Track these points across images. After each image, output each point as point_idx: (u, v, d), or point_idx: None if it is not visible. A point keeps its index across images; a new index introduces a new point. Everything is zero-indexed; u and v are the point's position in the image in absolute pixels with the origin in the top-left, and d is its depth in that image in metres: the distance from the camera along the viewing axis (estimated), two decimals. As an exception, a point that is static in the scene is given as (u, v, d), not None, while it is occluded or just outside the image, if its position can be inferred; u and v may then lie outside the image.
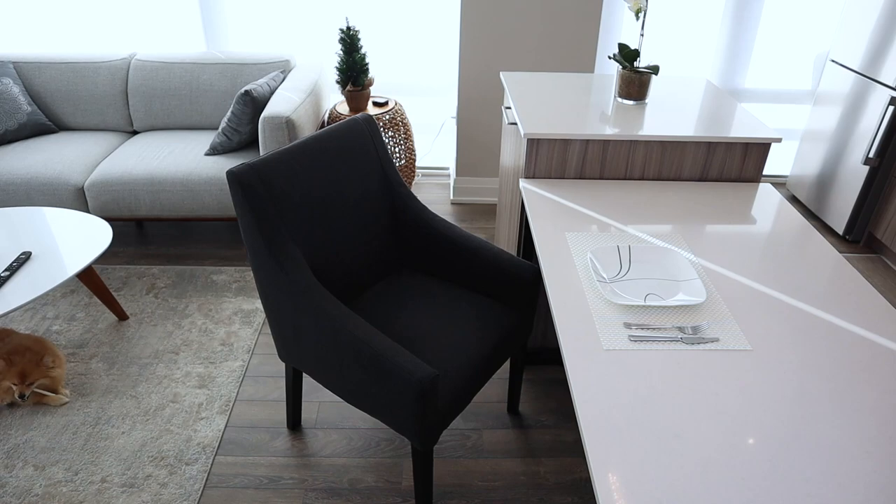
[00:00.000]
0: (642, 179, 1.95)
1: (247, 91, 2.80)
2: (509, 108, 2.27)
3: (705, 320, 1.30)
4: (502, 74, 2.40)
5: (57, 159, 2.82)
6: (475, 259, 1.85)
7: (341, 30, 3.07)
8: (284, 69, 3.20)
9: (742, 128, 1.94)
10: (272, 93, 2.95)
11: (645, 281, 1.43)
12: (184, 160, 2.84)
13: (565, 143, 1.88)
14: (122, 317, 2.53)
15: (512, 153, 2.23)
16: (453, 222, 3.16)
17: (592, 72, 3.15)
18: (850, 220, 3.04)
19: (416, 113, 3.62)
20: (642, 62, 2.08)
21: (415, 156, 3.40)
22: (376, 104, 3.30)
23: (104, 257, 2.98)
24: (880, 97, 2.83)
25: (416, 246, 1.96)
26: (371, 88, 3.33)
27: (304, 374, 2.16)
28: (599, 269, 1.45)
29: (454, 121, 3.38)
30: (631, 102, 2.12)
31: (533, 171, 1.93)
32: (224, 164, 2.82)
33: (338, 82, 3.18)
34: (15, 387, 2.03)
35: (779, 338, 1.26)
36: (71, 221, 2.35)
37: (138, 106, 3.17)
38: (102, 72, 3.13)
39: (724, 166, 1.93)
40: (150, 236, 3.15)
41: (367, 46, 3.41)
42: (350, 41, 3.06)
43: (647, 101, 2.13)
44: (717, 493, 0.93)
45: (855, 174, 2.99)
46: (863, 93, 2.95)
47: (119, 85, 3.15)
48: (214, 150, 2.91)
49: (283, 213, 1.64)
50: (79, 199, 2.78)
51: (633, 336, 1.25)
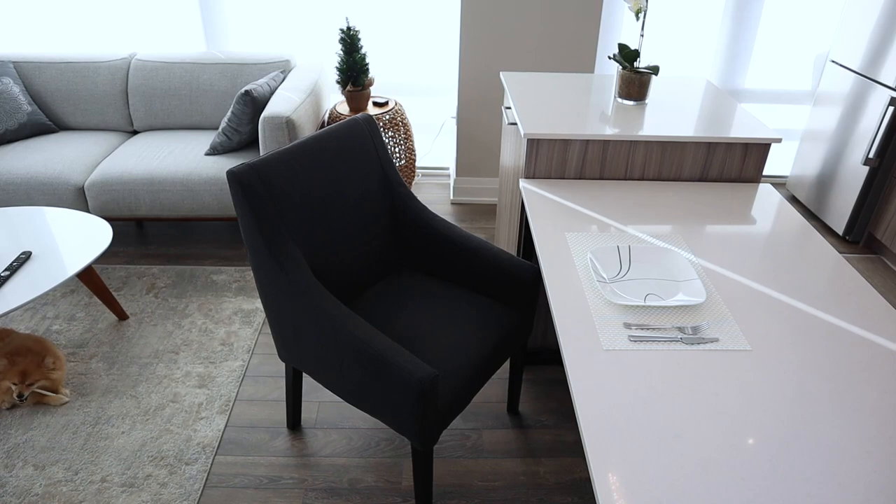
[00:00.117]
0: (642, 179, 1.95)
1: (247, 91, 2.80)
2: (509, 108, 2.27)
3: (705, 320, 1.30)
4: (502, 74, 2.40)
5: (57, 159, 2.82)
6: (475, 259, 1.85)
7: (341, 30, 3.07)
8: (284, 69, 3.20)
9: (742, 128, 1.94)
10: (272, 93, 2.95)
11: (645, 281, 1.43)
12: (184, 160, 2.84)
13: (565, 144, 1.88)
14: (122, 317, 2.53)
15: (512, 153, 2.23)
16: (453, 222, 3.16)
17: (592, 72, 3.15)
18: (849, 221, 3.05)
19: (416, 113, 3.62)
20: (642, 62, 2.08)
21: (415, 156, 3.40)
22: (376, 104, 3.30)
23: (104, 257, 2.98)
24: (880, 97, 2.83)
25: (416, 246, 1.96)
26: (371, 88, 3.33)
27: (304, 374, 2.16)
28: (599, 270, 1.45)
29: (454, 121, 3.38)
30: (631, 103, 2.12)
31: (533, 172, 1.93)
32: (224, 164, 2.82)
33: (338, 82, 3.18)
34: (14, 386, 2.03)
35: (778, 338, 1.26)
36: (71, 221, 2.36)
37: (138, 106, 3.17)
38: (102, 72, 3.13)
39: (724, 166, 1.94)
40: (150, 236, 3.15)
41: (367, 46, 3.41)
42: (350, 41, 3.07)
43: (647, 101, 2.13)
44: (717, 493, 0.93)
45: (855, 174, 2.99)
46: (863, 93, 2.95)
47: (119, 85, 3.15)
48: (214, 150, 2.91)
49: (283, 213, 1.64)
50: (79, 199, 2.78)
51: (632, 336, 1.25)
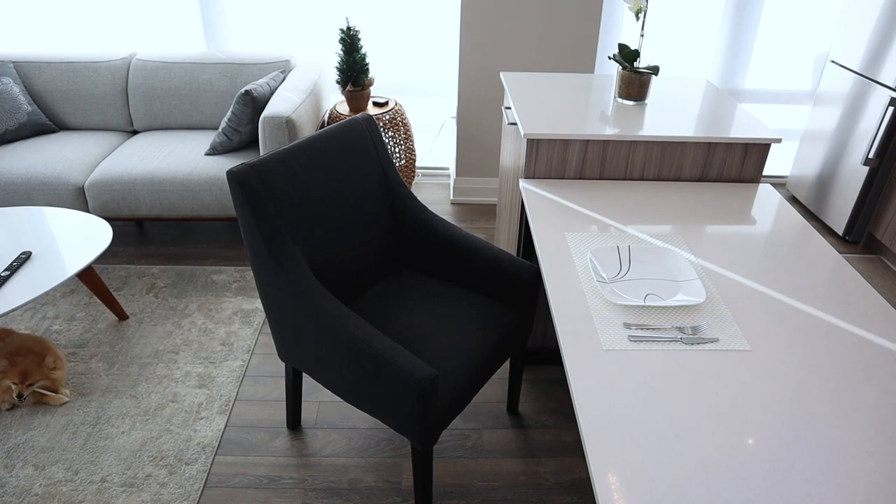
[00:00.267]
0: (642, 180, 1.95)
1: (247, 91, 2.80)
2: (509, 108, 2.27)
3: (705, 320, 1.30)
4: (502, 74, 2.40)
5: (57, 159, 2.82)
6: (475, 259, 1.85)
7: (341, 30, 3.07)
8: (284, 69, 3.20)
9: (742, 128, 1.94)
10: (272, 93, 2.95)
11: (645, 281, 1.43)
12: (184, 160, 2.84)
13: (565, 144, 1.88)
14: (122, 316, 2.53)
15: (512, 153, 2.23)
16: (453, 222, 3.16)
17: (592, 72, 3.15)
18: (849, 221, 3.05)
19: (416, 113, 3.62)
20: (642, 62, 2.08)
21: (415, 156, 3.40)
22: (376, 104, 3.30)
23: (104, 257, 2.98)
24: (880, 98, 2.83)
25: (416, 246, 1.96)
26: (371, 88, 3.33)
27: (303, 374, 2.16)
28: (599, 270, 1.45)
29: (454, 121, 3.38)
30: (631, 103, 2.12)
31: (533, 172, 1.93)
32: (224, 164, 2.82)
33: (338, 82, 3.18)
34: (14, 386, 2.03)
35: (778, 338, 1.26)
36: (71, 221, 2.36)
37: (138, 106, 3.17)
38: (102, 72, 3.13)
39: (723, 167, 1.94)
40: (150, 236, 3.15)
41: (367, 46, 3.41)
42: (350, 41, 3.07)
43: (646, 101, 2.13)
44: (716, 493, 0.93)
45: (855, 175, 2.99)
46: (863, 93, 2.95)
47: (119, 85, 3.15)
48: (214, 150, 2.91)
49: (283, 213, 1.64)
50: (79, 199, 2.78)
51: (632, 336, 1.25)
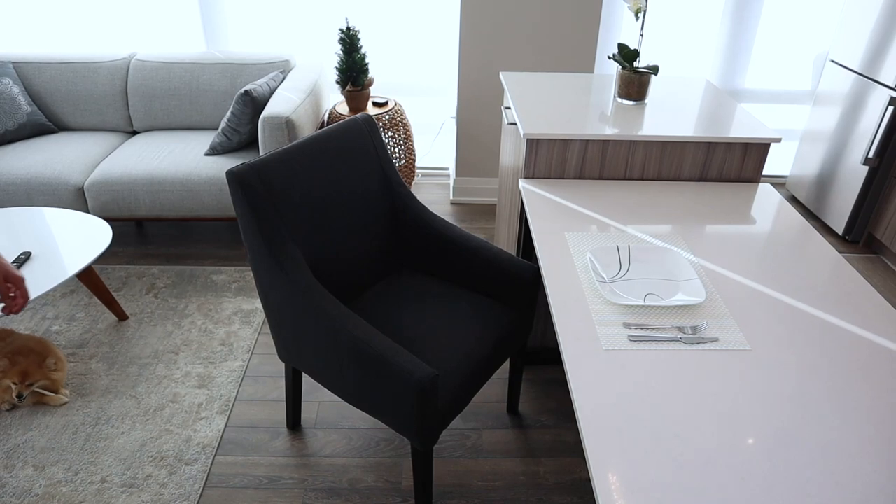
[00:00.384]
0: (642, 179, 1.95)
1: (247, 91, 2.80)
2: (509, 108, 2.27)
3: (705, 320, 1.30)
4: (502, 74, 2.40)
5: (57, 159, 2.82)
6: (475, 259, 1.85)
7: (341, 30, 3.07)
8: (284, 69, 3.20)
9: (742, 128, 1.94)
10: (272, 93, 2.95)
11: (644, 281, 1.43)
12: (183, 160, 2.84)
13: (565, 144, 1.88)
14: (121, 317, 2.53)
15: (512, 153, 2.23)
16: (453, 222, 3.16)
17: (592, 72, 3.15)
18: (849, 221, 3.05)
19: (415, 113, 3.62)
20: (642, 62, 2.08)
21: (415, 156, 3.40)
22: (376, 104, 3.30)
23: (104, 257, 2.98)
24: (880, 97, 2.83)
25: (416, 246, 1.96)
26: (371, 88, 3.33)
27: (303, 374, 2.16)
28: (599, 269, 1.45)
29: (454, 121, 3.38)
30: (630, 102, 2.12)
31: (532, 171, 1.93)
32: (224, 164, 2.82)
33: (337, 82, 3.18)
34: (14, 386, 2.03)
35: (778, 338, 1.26)
36: (71, 221, 2.36)
37: (138, 106, 3.17)
38: (102, 72, 3.13)
39: (723, 166, 1.94)
40: (150, 236, 3.15)
41: (366, 46, 3.41)
42: (350, 41, 3.07)
43: (646, 101, 2.13)
44: (716, 492, 0.93)
45: (854, 174, 2.99)
46: (862, 93, 2.95)
47: (119, 85, 3.15)
48: (214, 150, 2.91)
49: (282, 213, 1.64)
50: (79, 199, 2.78)
51: (632, 336, 1.25)
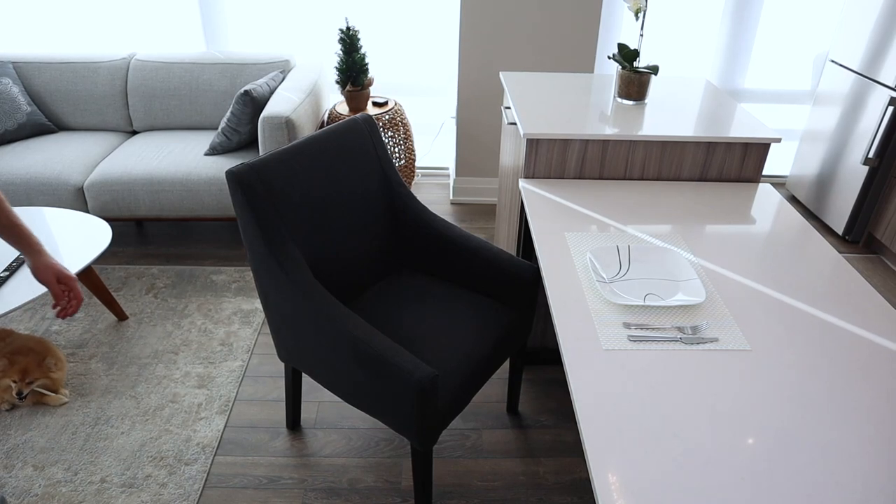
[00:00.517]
0: (642, 179, 1.95)
1: (246, 91, 2.80)
2: (509, 108, 2.27)
3: (704, 320, 1.30)
4: (502, 74, 2.40)
5: (56, 159, 2.82)
6: (475, 259, 1.85)
7: (341, 30, 3.07)
8: (284, 69, 3.20)
9: (741, 128, 1.94)
10: (272, 93, 2.95)
11: (644, 281, 1.43)
12: (183, 160, 2.84)
13: (565, 143, 1.88)
14: (121, 317, 2.53)
15: (511, 153, 2.23)
16: (453, 222, 3.15)
17: (592, 72, 3.15)
18: (849, 221, 3.04)
19: (415, 113, 3.62)
20: (642, 62, 2.08)
21: (414, 156, 3.40)
22: (376, 104, 3.30)
23: (104, 257, 2.98)
24: (880, 97, 2.83)
25: (416, 246, 1.96)
26: (371, 88, 3.33)
27: (303, 374, 2.16)
28: (599, 269, 1.45)
29: (454, 121, 3.38)
30: (630, 102, 2.12)
31: (532, 171, 1.93)
32: (224, 164, 2.82)
33: (337, 82, 3.18)
34: (14, 384, 2.02)
35: (778, 338, 1.26)
36: (70, 221, 2.35)
37: (138, 106, 3.17)
38: (102, 72, 3.13)
39: (723, 166, 1.93)
40: (150, 236, 3.15)
41: (366, 46, 3.41)
42: (350, 41, 3.06)
43: (646, 101, 2.13)
44: (716, 492, 0.93)
45: (854, 174, 2.99)
46: (862, 93, 2.95)
47: (118, 85, 3.15)
48: (214, 150, 2.91)
49: (282, 213, 1.64)
50: (78, 199, 2.78)
51: (632, 336, 1.25)
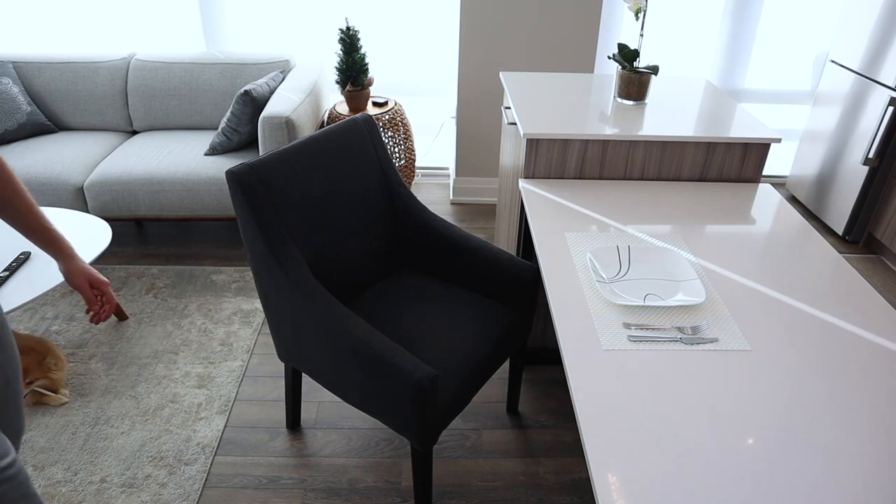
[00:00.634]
0: (642, 179, 1.95)
1: (246, 91, 2.80)
2: (509, 108, 2.27)
3: (705, 320, 1.30)
4: (502, 74, 2.40)
5: (56, 159, 2.82)
6: (475, 259, 1.85)
7: (341, 30, 3.07)
8: (284, 69, 3.20)
9: (741, 128, 1.94)
10: (272, 93, 2.95)
11: (644, 281, 1.43)
12: (183, 160, 2.84)
13: (565, 144, 1.88)
14: (121, 317, 2.53)
15: (511, 153, 2.23)
16: (453, 222, 3.16)
17: (592, 72, 3.15)
18: (849, 221, 3.04)
19: (415, 113, 3.62)
20: (642, 62, 2.08)
21: (414, 156, 3.40)
22: (376, 104, 3.30)
23: (104, 257, 2.98)
24: (880, 97, 2.83)
25: (415, 246, 1.96)
26: (371, 88, 3.33)
27: (303, 374, 2.16)
28: (599, 269, 1.45)
29: (454, 121, 3.38)
30: (630, 102, 2.12)
31: (532, 171, 1.93)
32: (224, 164, 2.82)
33: (337, 82, 3.18)
34: (14, 386, 2.02)
35: (778, 338, 1.26)
36: (70, 221, 2.35)
37: (138, 106, 3.17)
38: (102, 72, 3.13)
39: (723, 166, 1.93)
40: (150, 236, 3.15)
41: (366, 46, 3.41)
42: (350, 41, 3.06)
43: (646, 101, 2.13)
44: (716, 493, 0.93)
45: (854, 174, 2.99)
46: (862, 93, 2.95)
47: (118, 85, 3.15)
48: (214, 150, 2.91)
49: (282, 213, 1.64)
50: (78, 199, 2.78)
51: (632, 336, 1.25)
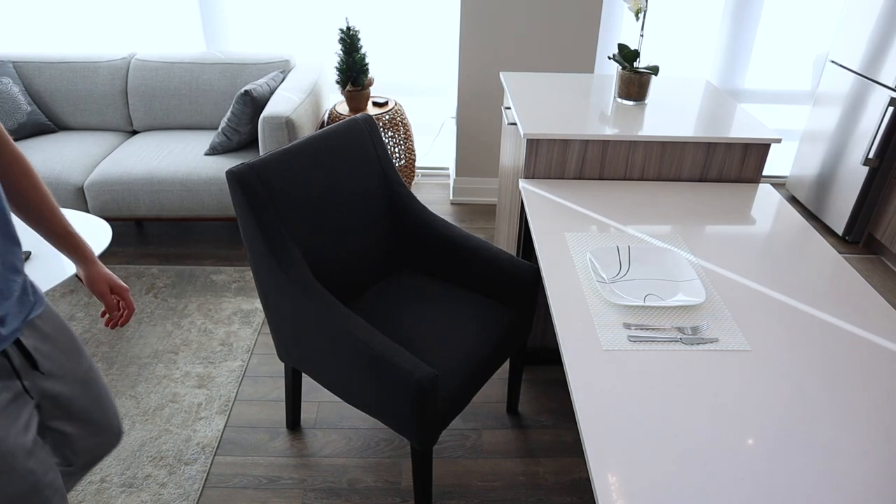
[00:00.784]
0: (642, 180, 1.95)
1: (246, 91, 2.80)
2: (509, 108, 2.27)
3: (704, 321, 1.30)
4: (502, 74, 2.40)
5: (56, 159, 2.82)
6: (475, 259, 1.85)
7: (341, 30, 3.07)
8: (284, 69, 3.20)
9: (742, 128, 1.94)
10: (272, 93, 2.95)
11: (644, 281, 1.43)
12: (183, 160, 2.84)
13: (565, 144, 1.88)
14: (121, 316, 2.53)
15: (512, 153, 2.23)
16: (453, 222, 3.16)
17: (592, 72, 3.15)
18: (849, 221, 3.05)
19: (415, 113, 3.62)
20: (642, 62, 2.08)
21: (414, 156, 3.40)
22: (376, 104, 3.30)
23: (104, 257, 2.98)
24: (880, 98, 2.83)
25: (415, 246, 1.96)
26: (371, 88, 3.33)
27: (303, 374, 2.16)
28: (599, 270, 1.45)
29: (454, 121, 3.38)
30: (631, 103, 2.12)
31: (532, 172, 1.93)
32: (224, 164, 2.82)
33: (337, 82, 3.18)
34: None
35: (778, 338, 1.26)
36: (70, 221, 2.34)
37: (138, 106, 3.17)
38: (102, 72, 3.13)
39: (723, 167, 1.94)
40: (150, 236, 3.15)
41: (367, 46, 3.41)
42: (350, 41, 3.06)
43: (646, 101, 2.13)
44: (715, 493, 0.93)
45: (854, 175, 2.99)
46: (862, 93, 2.95)
47: (119, 85, 3.15)
48: (214, 150, 2.91)
49: (282, 213, 1.64)
50: (78, 199, 2.78)
51: (632, 336, 1.25)
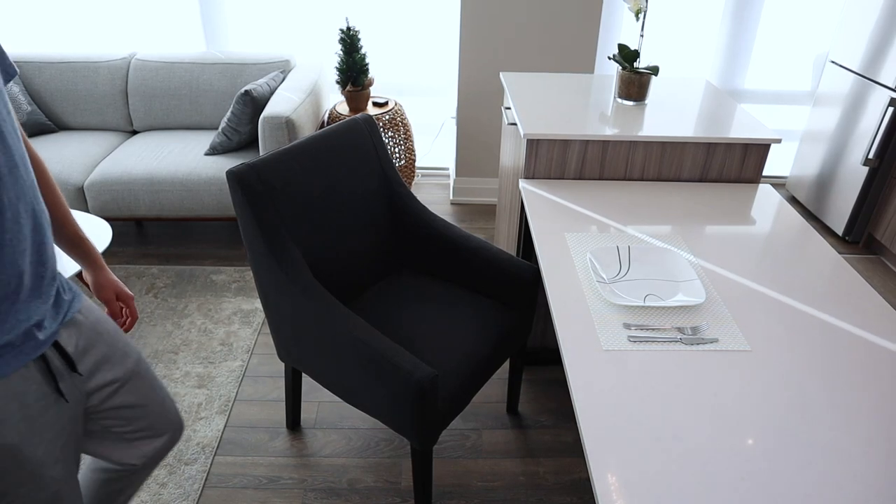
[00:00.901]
0: (642, 180, 1.95)
1: (247, 91, 2.80)
2: (509, 108, 2.27)
3: (704, 321, 1.30)
4: (502, 75, 2.40)
5: (57, 159, 2.82)
6: (475, 259, 1.85)
7: (341, 30, 3.07)
8: (284, 69, 3.20)
9: (741, 128, 1.94)
10: (272, 93, 2.95)
11: (644, 281, 1.43)
12: (183, 160, 2.84)
13: (565, 144, 1.88)
14: (121, 316, 2.53)
15: (512, 153, 2.23)
16: (453, 222, 3.16)
17: (592, 72, 3.15)
18: (849, 221, 3.05)
19: (415, 113, 3.62)
20: (642, 63, 2.08)
21: (415, 156, 3.40)
22: (376, 104, 3.30)
23: (103, 257, 2.97)
24: (880, 98, 2.83)
25: (415, 246, 1.96)
26: (371, 88, 3.33)
27: (303, 374, 2.16)
28: (599, 270, 1.45)
29: (454, 121, 3.38)
30: (631, 103, 2.12)
31: (532, 172, 1.93)
32: (224, 164, 2.82)
33: (338, 82, 3.18)
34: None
35: (778, 338, 1.26)
36: (70, 221, 2.35)
37: (138, 106, 3.17)
38: (102, 71, 3.13)
39: (723, 167, 1.94)
40: (150, 236, 3.15)
41: (367, 46, 3.41)
42: (350, 41, 3.06)
43: (646, 101, 2.13)
44: (715, 493, 0.93)
45: (854, 175, 2.99)
46: (862, 94, 2.95)
47: (119, 85, 3.15)
48: (214, 150, 2.91)
49: (282, 212, 1.64)
50: (78, 199, 2.78)
51: (632, 336, 1.25)
